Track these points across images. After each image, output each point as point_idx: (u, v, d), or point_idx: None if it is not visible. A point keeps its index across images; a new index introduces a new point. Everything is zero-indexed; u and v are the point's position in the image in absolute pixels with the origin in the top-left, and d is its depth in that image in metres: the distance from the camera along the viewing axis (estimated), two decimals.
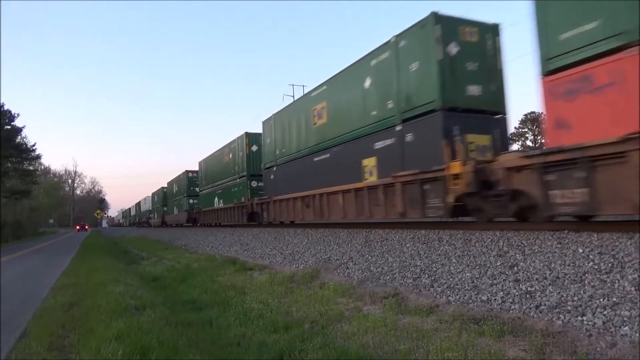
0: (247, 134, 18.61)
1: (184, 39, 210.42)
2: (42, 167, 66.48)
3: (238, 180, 19.19)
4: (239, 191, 18.95)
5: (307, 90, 23.93)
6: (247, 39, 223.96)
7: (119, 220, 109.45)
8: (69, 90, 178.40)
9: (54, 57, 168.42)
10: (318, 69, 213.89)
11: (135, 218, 68.21)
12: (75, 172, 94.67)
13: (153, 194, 49.33)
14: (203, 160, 26.63)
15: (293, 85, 76.22)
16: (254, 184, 17.94)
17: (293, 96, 41.33)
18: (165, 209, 40.42)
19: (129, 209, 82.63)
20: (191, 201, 30.34)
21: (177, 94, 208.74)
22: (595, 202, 5.29)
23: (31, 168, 41.98)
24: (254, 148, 18.23)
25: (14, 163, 37.08)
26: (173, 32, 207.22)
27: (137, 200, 67.54)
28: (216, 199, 22.65)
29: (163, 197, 41.45)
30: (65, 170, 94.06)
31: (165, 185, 40.95)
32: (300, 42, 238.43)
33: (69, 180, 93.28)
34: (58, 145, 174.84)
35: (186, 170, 32.10)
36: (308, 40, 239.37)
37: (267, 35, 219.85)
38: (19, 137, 37.57)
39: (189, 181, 31.23)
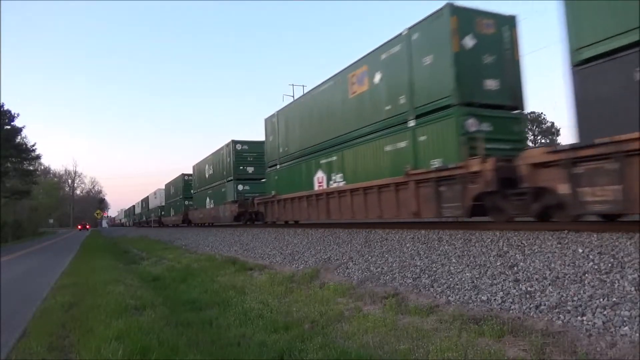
0: (451, 7, 7.79)
1: (184, 39, 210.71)
2: (42, 167, 66.66)
3: (412, 124, 8.67)
4: (428, 145, 8.32)
5: (306, 89, 20.11)
6: (246, 39, 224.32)
7: (120, 220, 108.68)
8: (69, 90, 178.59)
9: (54, 57, 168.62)
10: (318, 69, 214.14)
11: (142, 217, 57.72)
12: (75, 172, 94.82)
13: (168, 185, 39.41)
14: (276, 114, 15.62)
15: (293, 85, 76.34)
16: (470, 124, 7.67)
17: (293, 96, 41.00)
18: (187, 202, 31.24)
19: (133, 206, 74.67)
20: (240, 187, 20.35)
21: (177, 95, 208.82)
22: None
23: (31, 168, 42.05)
24: (470, 43, 7.85)
25: (14, 163, 37.13)
26: (173, 32, 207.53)
27: (144, 196, 57.14)
28: (320, 174, 12.52)
29: (184, 187, 32.21)
30: (65, 170, 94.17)
31: (188, 172, 31.12)
32: (299, 43, 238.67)
33: (69, 180, 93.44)
34: (58, 145, 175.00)
35: (232, 141, 20.91)
36: (307, 40, 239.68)
37: (265, 35, 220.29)
38: (19, 137, 37.67)
39: (236, 157, 20.60)
